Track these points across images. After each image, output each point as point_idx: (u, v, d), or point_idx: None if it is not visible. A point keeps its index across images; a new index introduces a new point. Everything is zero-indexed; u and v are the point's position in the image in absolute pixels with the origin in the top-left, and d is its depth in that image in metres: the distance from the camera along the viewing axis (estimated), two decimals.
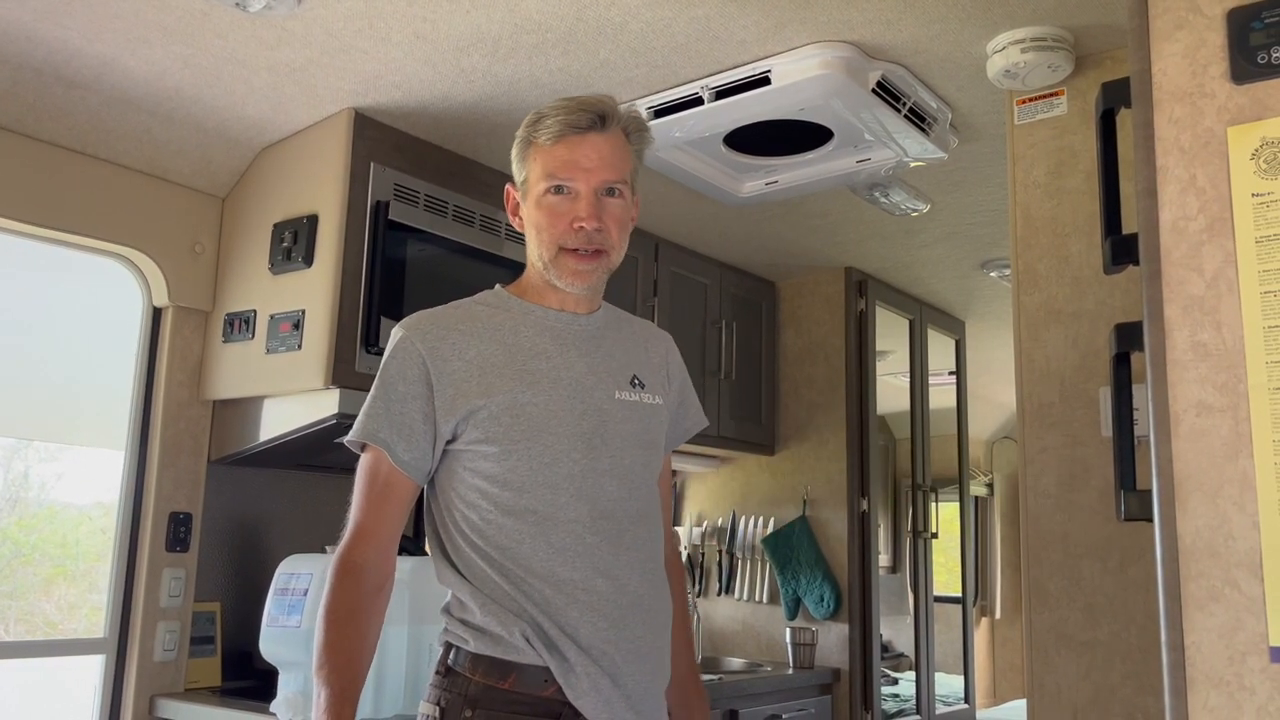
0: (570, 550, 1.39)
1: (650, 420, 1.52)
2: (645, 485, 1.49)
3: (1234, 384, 0.99)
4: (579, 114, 1.45)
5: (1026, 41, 2.02)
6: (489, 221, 2.62)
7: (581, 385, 1.45)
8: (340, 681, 1.33)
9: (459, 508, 1.42)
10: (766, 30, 2.06)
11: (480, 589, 1.39)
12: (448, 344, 1.43)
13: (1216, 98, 1.05)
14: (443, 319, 1.47)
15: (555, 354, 1.46)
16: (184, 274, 2.59)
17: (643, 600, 1.43)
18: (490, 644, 1.37)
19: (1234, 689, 0.95)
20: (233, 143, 2.55)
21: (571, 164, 1.44)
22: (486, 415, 1.40)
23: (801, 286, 3.80)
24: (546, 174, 1.45)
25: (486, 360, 1.42)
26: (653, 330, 1.67)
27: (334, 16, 2.02)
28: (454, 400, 1.40)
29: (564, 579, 1.38)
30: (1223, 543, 0.98)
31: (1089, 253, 2.03)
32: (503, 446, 1.39)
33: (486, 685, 1.36)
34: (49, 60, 2.17)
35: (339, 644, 1.35)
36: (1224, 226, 1.02)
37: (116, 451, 2.57)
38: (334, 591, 1.37)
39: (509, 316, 1.48)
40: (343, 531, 1.42)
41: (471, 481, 1.42)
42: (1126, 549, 1.92)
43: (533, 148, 1.47)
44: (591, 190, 1.45)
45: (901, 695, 3.80)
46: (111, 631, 2.48)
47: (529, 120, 1.48)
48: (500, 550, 1.39)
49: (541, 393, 1.42)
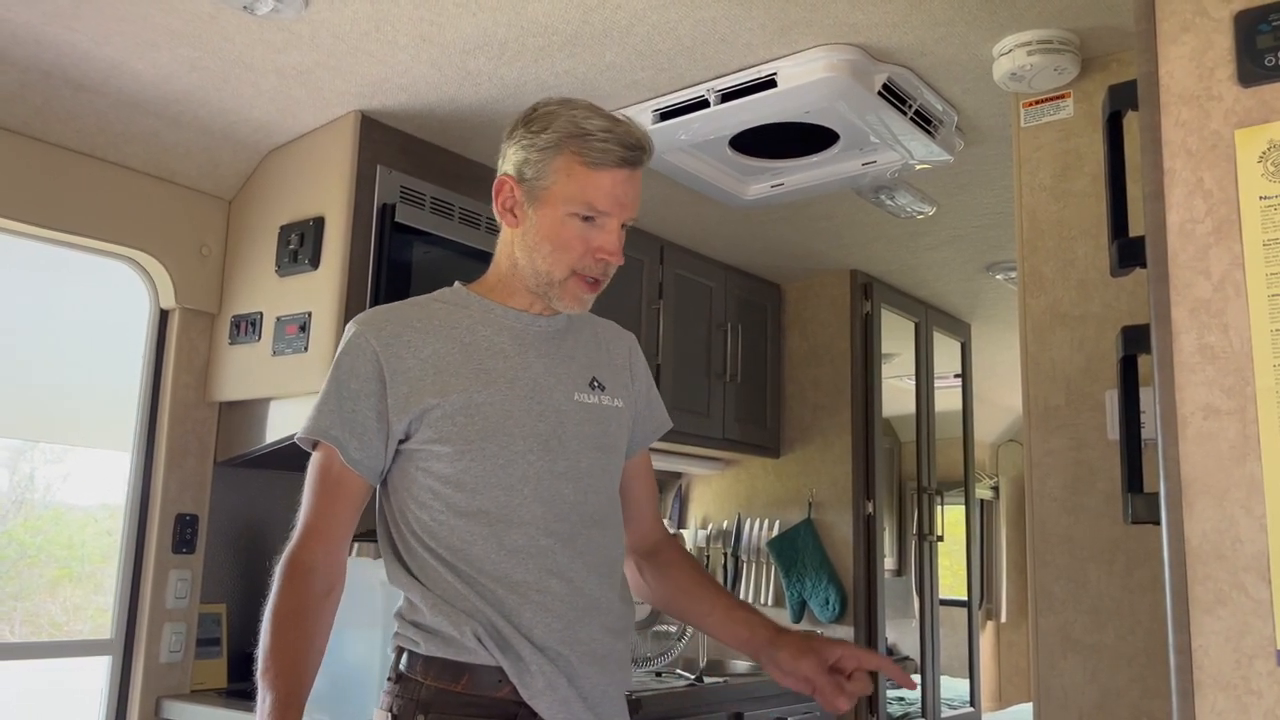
0: (524, 552, 1.36)
1: (609, 423, 1.49)
2: (602, 489, 1.45)
3: (1241, 387, 0.99)
4: (635, 151, 1.41)
5: (1033, 44, 2.02)
6: (495, 224, 2.61)
7: (539, 386, 1.43)
8: (286, 686, 1.28)
9: (411, 508, 1.39)
10: (772, 33, 2.06)
11: (432, 590, 1.36)
12: (402, 341, 1.40)
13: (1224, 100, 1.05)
14: (398, 315, 1.44)
15: (513, 354, 1.43)
16: (191, 276, 2.60)
17: (599, 603, 1.40)
18: (441, 645, 1.34)
19: (1241, 692, 0.95)
20: (239, 145, 2.56)
21: (614, 199, 1.40)
22: (441, 414, 1.37)
23: (807, 289, 3.79)
24: (586, 201, 1.39)
25: (442, 359, 1.39)
26: (615, 330, 1.62)
27: (340, 20, 2.03)
28: (407, 399, 1.37)
29: (517, 580, 1.36)
30: (1230, 546, 0.98)
31: (1095, 255, 2.03)
32: (456, 447, 1.36)
33: (439, 688, 1.33)
34: (57, 63, 2.17)
35: (284, 647, 1.31)
36: (1231, 229, 1.02)
37: (122, 453, 2.57)
38: (281, 593, 1.33)
39: (467, 314, 1.45)
40: (291, 531, 1.38)
41: (424, 482, 1.39)
42: (1133, 552, 1.91)
43: (571, 161, 1.39)
44: (619, 224, 1.42)
45: (907, 699, 3.80)
46: (118, 633, 2.49)
47: (568, 131, 1.39)
48: (452, 551, 1.36)
49: (498, 392, 1.39)
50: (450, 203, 2.55)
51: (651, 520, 1.64)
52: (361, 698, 2.18)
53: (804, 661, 1.43)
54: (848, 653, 1.43)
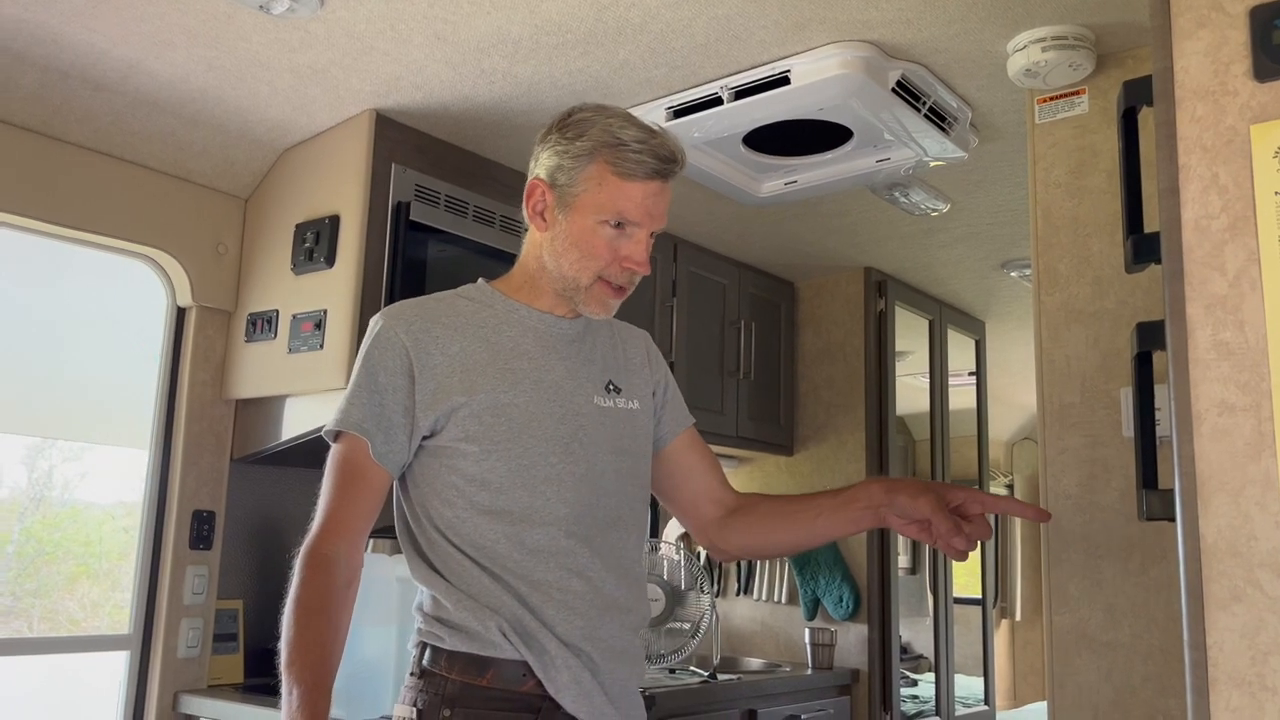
0: (545, 552, 1.37)
1: (625, 426, 1.49)
2: (619, 491, 1.46)
3: (1257, 383, 0.99)
4: (668, 164, 1.42)
5: (1047, 40, 2.01)
6: (509, 222, 2.63)
7: (561, 389, 1.44)
8: (312, 678, 1.29)
9: (434, 504, 1.40)
10: (786, 30, 2.06)
11: (455, 585, 1.37)
12: (430, 336, 1.40)
13: (1239, 96, 1.04)
14: (426, 310, 1.44)
15: (537, 355, 1.44)
16: (207, 274, 2.61)
17: (618, 602, 1.42)
18: (466, 640, 1.35)
19: (1256, 689, 0.95)
20: (255, 144, 2.57)
21: (644, 210, 1.41)
22: (468, 413, 1.37)
23: (821, 287, 3.79)
24: (617, 210, 1.40)
25: (469, 356, 1.40)
26: (629, 330, 1.63)
27: (355, 18, 2.04)
28: (435, 395, 1.38)
29: (539, 579, 1.37)
30: (1245, 542, 0.97)
31: (1110, 252, 2.02)
32: (483, 446, 1.37)
33: (464, 683, 1.34)
34: (75, 63, 2.19)
35: (309, 639, 1.31)
36: (1247, 225, 1.02)
37: (140, 450, 2.59)
38: (303, 585, 1.33)
39: (493, 313, 1.46)
40: (311, 523, 1.38)
41: (448, 479, 1.39)
42: (1148, 550, 1.91)
43: (604, 170, 1.40)
44: (648, 234, 1.43)
45: (921, 697, 3.79)
46: (136, 628, 2.51)
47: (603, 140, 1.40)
48: (476, 548, 1.37)
49: (523, 394, 1.40)
50: (465, 201, 2.56)
51: (720, 486, 1.61)
52: (376, 693, 2.20)
53: (922, 500, 1.35)
54: (970, 496, 1.38)
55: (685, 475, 1.60)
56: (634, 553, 1.49)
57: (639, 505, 1.51)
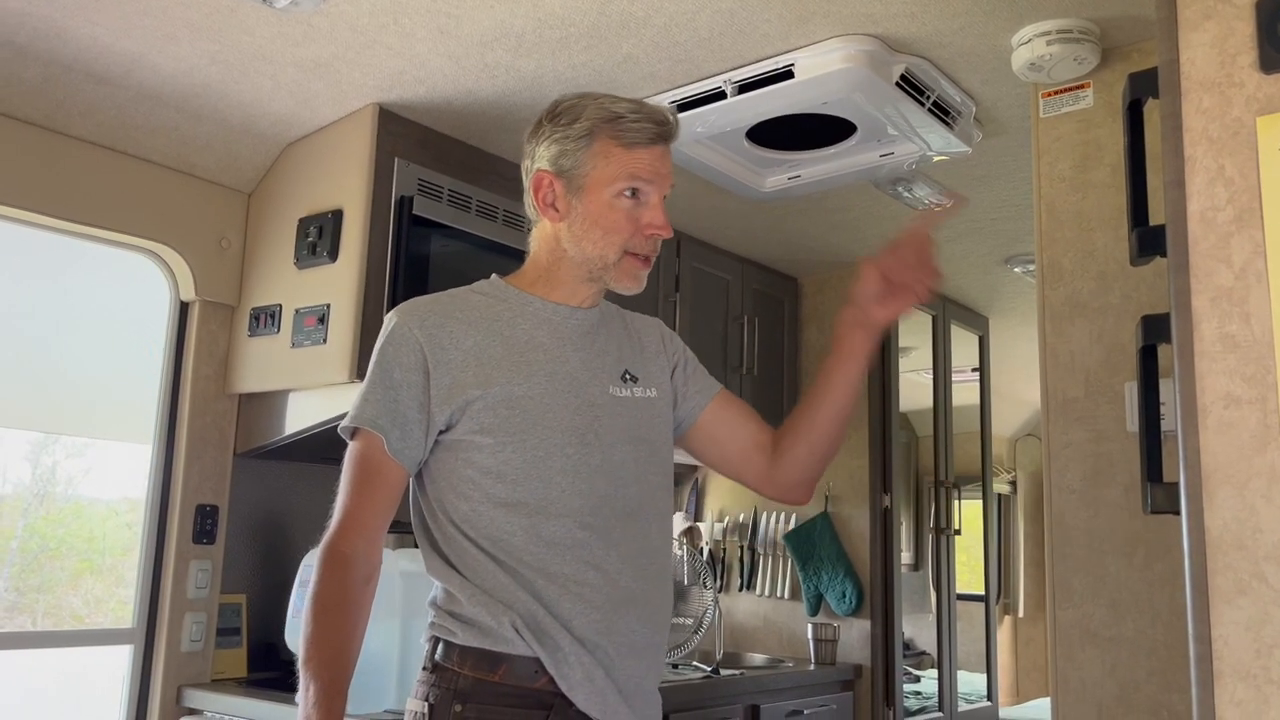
0: (561, 544, 1.37)
1: (642, 415, 1.49)
2: (637, 480, 1.46)
3: (1262, 375, 0.99)
4: (665, 126, 1.44)
5: (1052, 34, 2.01)
6: (512, 216, 2.63)
7: (576, 380, 1.44)
8: (330, 674, 1.31)
9: (450, 498, 1.40)
10: (790, 24, 2.06)
11: (470, 580, 1.37)
12: (445, 332, 1.41)
13: (1245, 87, 1.04)
14: (440, 307, 1.45)
15: (552, 347, 1.45)
16: (211, 269, 2.61)
17: (636, 596, 1.41)
18: (479, 636, 1.35)
19: (1261, 682, 0.94)
20: (259, 138, 2.57)
21: (655, 171, 1.43)
22: (483, 406, 1.38)
23: (824, 282, 3.79)
24: (629, 175, 1.42)
25: (484, 350, 1.41)
26: (642, 319, 1.64)
27: (359, 12, 2.03)
28: (450, 390, 1.38)
29: (555, 572, 1.36)
30: (1250, 536, 0.97)
31: (1114, 246, 2.01)
32: (498, 438, 1.38)
33: (476, 678, 1.34)
34: (79, 57, 2.19)
35: (327, 636, 1.32)
36: (1253, 217, 1.01)
37: (143, 446, 2.59)
38: (322, 582, 1.34)
39: (506, 307, 1.47)
40: (329, 520, 1.39)
41: (464, 473, 1.39)
42: (1151, 544, 1.91)
43: (608, 145, 1.42)
44: (661, 198, 1.45)
45: (924, 693, 3.79)
46: (139, 622, 2.51)
47: (601, 117, 1.43)
48: (492, 541, 1.37)
49: (538, 386, 1.40)
50: (468, 195, 2.56)
51: (760, 431, 1.61)
52: (379, 688, 2.20)
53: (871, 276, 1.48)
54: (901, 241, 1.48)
55: (729, 437, 1.60)
56: (655, 544, 1.47)
57: (661, 495, 1.50)
